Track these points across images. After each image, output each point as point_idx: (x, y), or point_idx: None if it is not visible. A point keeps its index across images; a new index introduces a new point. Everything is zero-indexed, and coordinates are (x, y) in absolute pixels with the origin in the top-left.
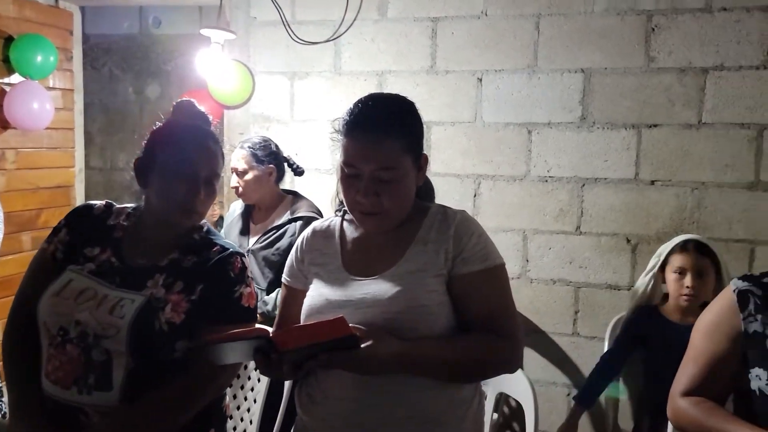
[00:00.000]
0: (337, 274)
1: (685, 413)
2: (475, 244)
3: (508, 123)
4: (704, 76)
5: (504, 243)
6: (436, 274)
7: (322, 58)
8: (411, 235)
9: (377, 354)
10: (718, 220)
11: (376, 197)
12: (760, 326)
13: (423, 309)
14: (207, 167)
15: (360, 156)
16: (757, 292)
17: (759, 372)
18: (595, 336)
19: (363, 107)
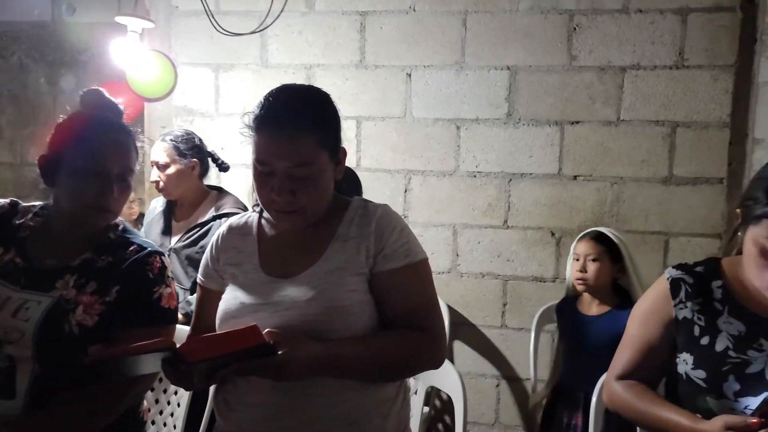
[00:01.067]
0: (253, 275)
1: (619, 396)
2: (396, 240)
3: (438, 118)
4: (622, 74)
5: (434, 238)
6: (356, 272)
7: (248, 50)
8: (331, 231)
9: (294, 359)
10: (635, 213)
11: (292, 195)
12: (689, 313)
13: (343, 310)
14: (119, 162)
15: (272, 153)
16: (688, 281)
17: (686, 356)
18: (522, 327)
19: (274, 101)
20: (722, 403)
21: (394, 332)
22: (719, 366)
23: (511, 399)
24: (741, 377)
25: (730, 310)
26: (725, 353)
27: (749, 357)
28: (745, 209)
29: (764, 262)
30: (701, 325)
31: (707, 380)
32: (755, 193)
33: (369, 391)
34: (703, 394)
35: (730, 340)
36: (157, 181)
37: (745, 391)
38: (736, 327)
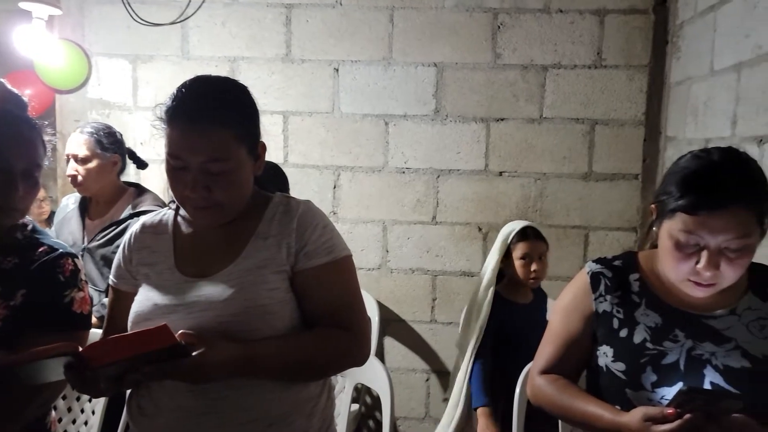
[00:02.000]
0: (168, 275)
1: (541, 390)
2: (319, 237)
3: (366, 114)
4: (544, 73)
5: (364, 234)
6: (277, 270)
7: (168, 41)
8: (250, 229)
9: (210, 361)
10: (557, 208)
11: (207, 191)
12: (608, 306)
13: (262, 309)
14: (23, 158)
15: (186, 147)
16: (607, 274)
17: (606, 349)
18: (451, 321)
19: (187, 92)
20: (640, 394)
21: (315, 331)
22: (637, 358)
23: (441, 393)
24: (657, 368)
25: (647, 302)
26: (643, 345)
27: (665, 348)
28: (660, 204)
29: (679, 255)
30: (620, 318)
31: (626, 372)
32: (668, 187)
33: (291, 391)
34: (622, 385)
35: (647, 332)
36: (74, 176)
37: (661, 381)
38: (653, 319)
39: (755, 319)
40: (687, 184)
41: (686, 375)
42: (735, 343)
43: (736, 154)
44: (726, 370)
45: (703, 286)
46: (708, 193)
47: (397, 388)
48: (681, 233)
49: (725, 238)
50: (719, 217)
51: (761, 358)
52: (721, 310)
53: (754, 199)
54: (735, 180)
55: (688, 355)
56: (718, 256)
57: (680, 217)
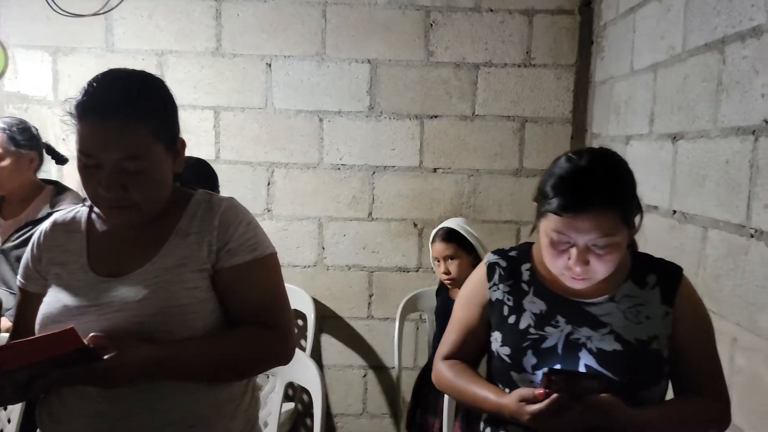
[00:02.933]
0: (80, 275)
1: (442, 374)
2: (242, 234)
3: (300, 110)
4: (476, 71)
5: (300, 231)
6: (198, 268)
7: (92, 33)
8: (170, 226)
9: (123, 365)
10: (490, 203)
11: (123, 190)
12: (500, 294)
13: (181, 309)
14: None
15: (99, 144)
16: (502, 264)
17: (496, 335)
18: (387, 317)
19: (99, 86)
20: (523, 376)
21: (237, 330)
22: (521, 342)
23: (378, 388)
24: (537, 352)
25: (535, 290)
26: (527, 330)
27: (546, 333)
28: (538, 204)
29: (554, 251)
30: (509, 305)
31: (511, 356)
32: (544, 188)
33: (211, 392)
34: (507, 369)
35: (532, 318)
36: None
37: (540, 364)
38: (539, 306)
39: (632, 305)
40: (556, 187)
41: (563, 358)
42: (610, 328)
43: (605, 157)
44: (599, 353)
45: (578, 279)
46: (574, 196)
47: (335, 385)
48: (553, 232)
49: (591, 237)
50: (584, 219)
51: (633, 342)
52: (601, 297)
53: (618, 200)
54: (600, 183)
55: (566, 339)
56: (586, 253)
57: (552, 218)
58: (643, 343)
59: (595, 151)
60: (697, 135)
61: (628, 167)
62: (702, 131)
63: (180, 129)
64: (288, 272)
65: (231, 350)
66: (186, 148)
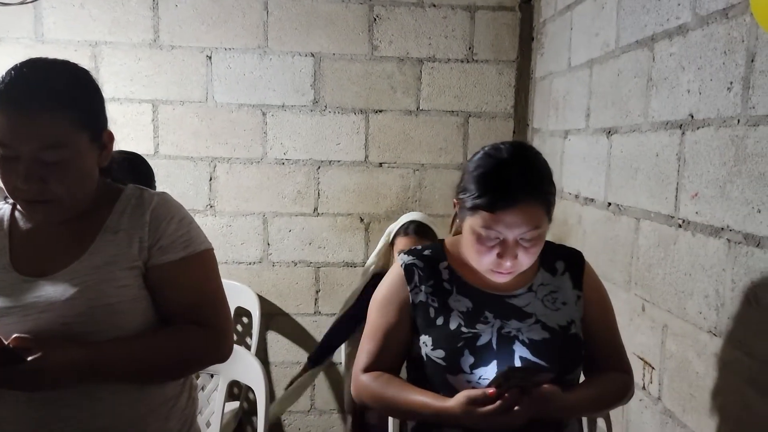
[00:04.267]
0: (2, 275)
1: (366, 388)
2: (175, 230)
3: (242, 104)
4: (420, 66)
5: (244, 227)
6: (128, 266)
7: (19, 22)
8: (98, 223)
9: (48, 366)
10: (435, 197)
11: (42, 183)
12: (424, 296)
13: (110, 308)
14: None
15: (14, 134)
16: (419, 265)
17: (425, 338)
18: (335, 313)
19: (17, 74)
20: (459, 377)
21: (170, 329)
22: (455, 343)
23: (326, 384)
24: (473, 350)
25: (457, 288)
26: (458, 330)
27: (478, 330)
28: (461, 200)
29: (481, 247)
30: (435, 307)
31: (445, 358)
32: (467, 185)
33: (144, 393)
34: (443, 372)
35: (460, 317)
36: None
37: (478, 362)
38: (465, 304)
39: (548, 293)
40: (482, 183)
41: (498, 352)
42: (535, 318)
43: (524, 151)
44: (531, 344)
45: (504, 273)
46: (501, 192)
47: (282, 382)
48: (482, 229)
49: (520, 231)
50: (513, 213)
51: (557, 328)
52: (520, 288)
53: (542, 193)
54: (524, 177)
55: (499, 333)
56: (515, 247)
57: (479, 215)
58: (564, 328)
59: (512, 144)
60: (629, 129)
61: (544, 159)
62: (634, 125)
63: (107, 121)
64: (233, 269)
65: (163, 350)
66: (114, 142)
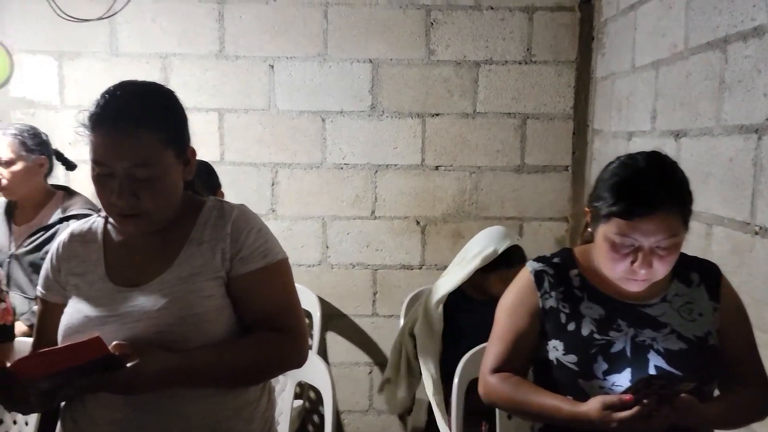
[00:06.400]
0: (99, 285)
1: (495, 389)
2: (254, 241)
3: (303, 111)
4: (477, 69)
5: (304, 230)
6: (212, 276)
7: (96, 37)
8: (183, 235)
9: (144, 372)
10: (492, 200)
11: (134, 198)
12: (554, 302)
13: (198, 317)
14: None
15: (110, 153)
16: (549, 272)
17: (556, 343)
18: (392, 314)
19: (111, 97)
20: (593, 383)
21: (252, 336)
22: (587, 349)
23: None
24: (607, 357)
25: (588, 296)
26: (591, 336)
27: (612, 337)
28: (594, 209)
29: (615, 255)
30: (566, 313)
31: (578, 363)
32: (601, 193)
33: (229, 397)
34: (575, 376)
35: (593, 324)
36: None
37: (611, 369)
38: (597, 311)
39: (683, 304)
40: (618, 191)
41: (633, 361)
42: (670, 328)
43: (661, 159)
44: (667, 353)
45: (638, 281)
46: (639, 199)
47: (341, 382)
48: (616, 236)
49: (657, 239)
50: (650, 221)
51: (694, 339)
52: (654, 298)
53: (680, 201)
54: (662, 185)
55: (633, 342)
56: (650, 255)
57: (615, 222)
58: (701, 339)
59: (648, 153)
60: (700, 132)
61: (680, 168)
62: (705, 129)
63: (190, 137)
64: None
65: (247, 356)
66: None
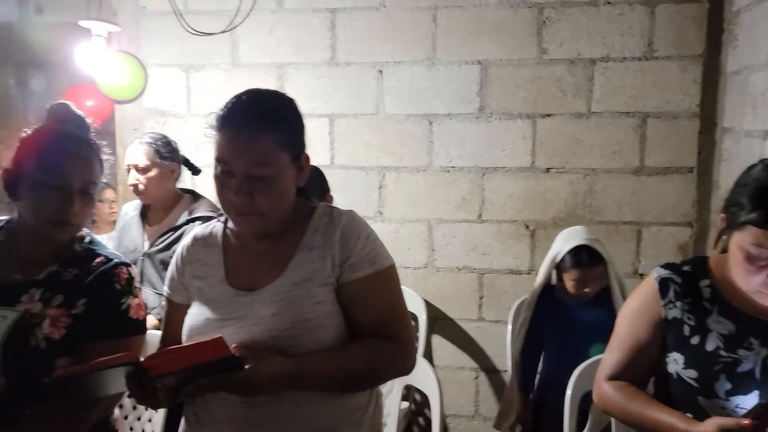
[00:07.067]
0: (219, 288)
1: (609, 397)
2: (362, 248)
3: (410, 114)
4: (592, 67)
5: (410, 233)
6: (323, 282)
7: (219, 49)
8: (295, 241)
9: (261, 375)
10: (608, 203)
11: (250, 197)
12: (678, 312)
13: (310, 323)
14: (80, 176)
15: (232, 152)
16: (677, 280)
17: (676, 356)
18: (499, 320)
19: (237, 101)
20: (713, 402)
21: (361, 343)
22: (710, 365)
23: (490, 390)
24: (732, 376)
25: (719, 309)
26: (716, 353)
27: (740, 356)
28: (730, 215)
29: (750, 267)
30: (691, 325)
31: (699, 380)
32: (739, 199)
33: (339, 402)
34: (694, 393)
35: (720, 339)
36: (135, 185)
37: (736, 390)
38: (726, 326)
39: None
40: (758, 197)
41: (762, 383)
42: None
43: None
44: None
45: None
46: None
47: (446, 386)
48: (752, 246)
49: None
50: None
51: None
52: None
53: None
54: None
55: (764, 363)
56: None
57: (751, 231)
58: None
59: None
60: None
61: None
62: None
63: (305, 146)
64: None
65: (356, 363)
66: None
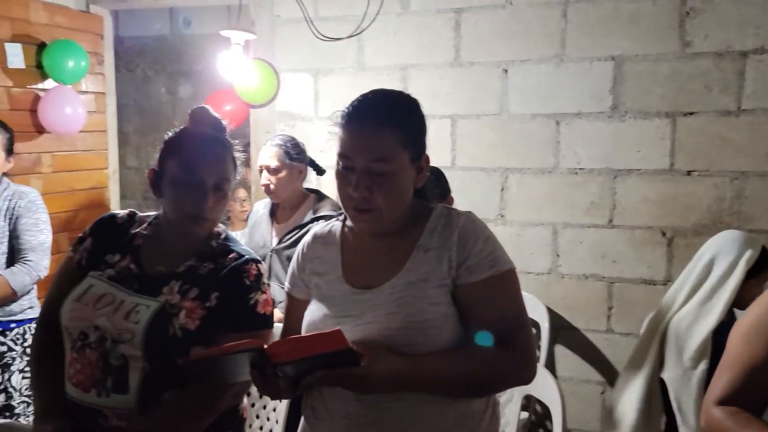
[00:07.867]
0: (337, 285)
1: (719, 424)
2: (481, 250)
3: (536, 114)
4: (743, 60)
5: (533, 237)
6: (439, 284)
7: (346, 53)
8: (412, 241)
9: (375, 374)
10: (760, 210)
11: (369, 192)
12: None
13: (425, 323)
14: (214, 174)
15: (354, 147)
16: None
17: None
18: (630, 333)
19: (363, 99)
20: None
21: (478, 348)
22: None
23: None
24: None
25: None
26: None
27: None
28: None
29: None
30: None
31: None
32: None
33: (454, 406)
34: None
35: None
36: (267, 185)
37: None
38: None
39: None
40: None
41: None
42: None
43: None
44: None
45: None
46: None
47: (570, 398)
48: None
49: None
50: None
51: None
52: None
53: None
54: None
55: None
56: None
57: None
58: None
59: None
60: None
61: None
62: None
63: (426, 148)
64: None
65: (472, 368)
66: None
